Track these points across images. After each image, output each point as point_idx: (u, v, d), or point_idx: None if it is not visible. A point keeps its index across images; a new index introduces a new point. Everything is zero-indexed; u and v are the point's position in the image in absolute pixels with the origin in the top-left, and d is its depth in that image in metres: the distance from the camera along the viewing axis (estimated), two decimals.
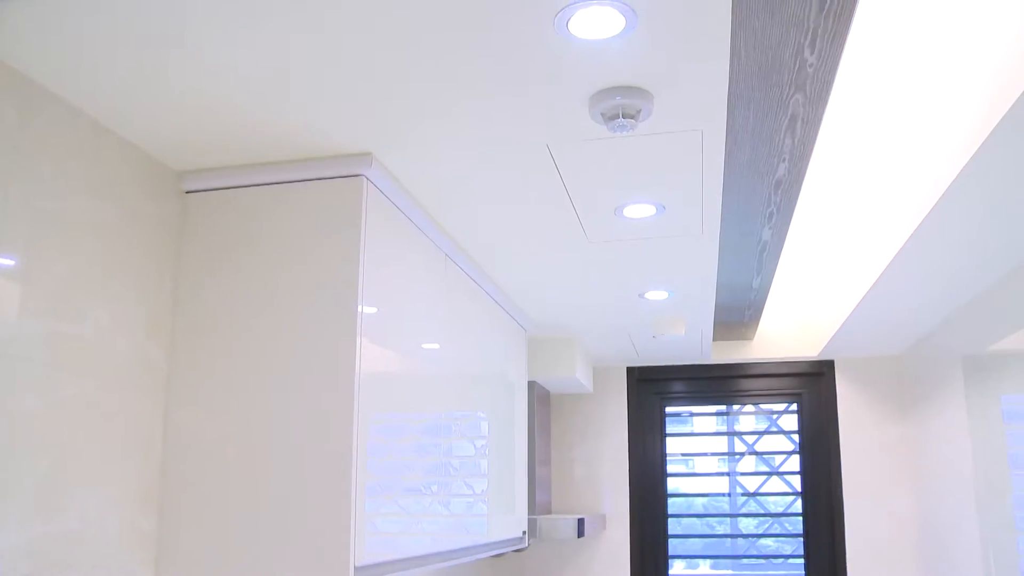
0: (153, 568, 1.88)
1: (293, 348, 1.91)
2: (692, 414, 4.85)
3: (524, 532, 3.17)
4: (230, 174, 2.03)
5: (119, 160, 1.86)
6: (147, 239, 1.93)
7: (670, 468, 4.66)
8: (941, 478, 3.81)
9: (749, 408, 4.75)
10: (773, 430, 4.67)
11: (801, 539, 4.48)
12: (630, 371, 4.71)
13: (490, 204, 2.31)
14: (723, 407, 4.77)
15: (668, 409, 4.73)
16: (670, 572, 4.57)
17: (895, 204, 2.65)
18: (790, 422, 4.62)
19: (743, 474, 4.65)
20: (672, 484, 4.66)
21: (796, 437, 4.57)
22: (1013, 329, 2.94)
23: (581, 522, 3.71)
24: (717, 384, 4.71)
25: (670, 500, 4.62)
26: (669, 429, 4.72)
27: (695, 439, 4.87)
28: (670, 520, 4.60)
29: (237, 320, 1.96)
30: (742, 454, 4.65)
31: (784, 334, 4.53)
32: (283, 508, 1.84)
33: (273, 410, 1.89)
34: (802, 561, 4.46)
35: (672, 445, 4.69)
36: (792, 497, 4.55)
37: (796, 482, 4.53)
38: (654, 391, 4.72)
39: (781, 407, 4.64)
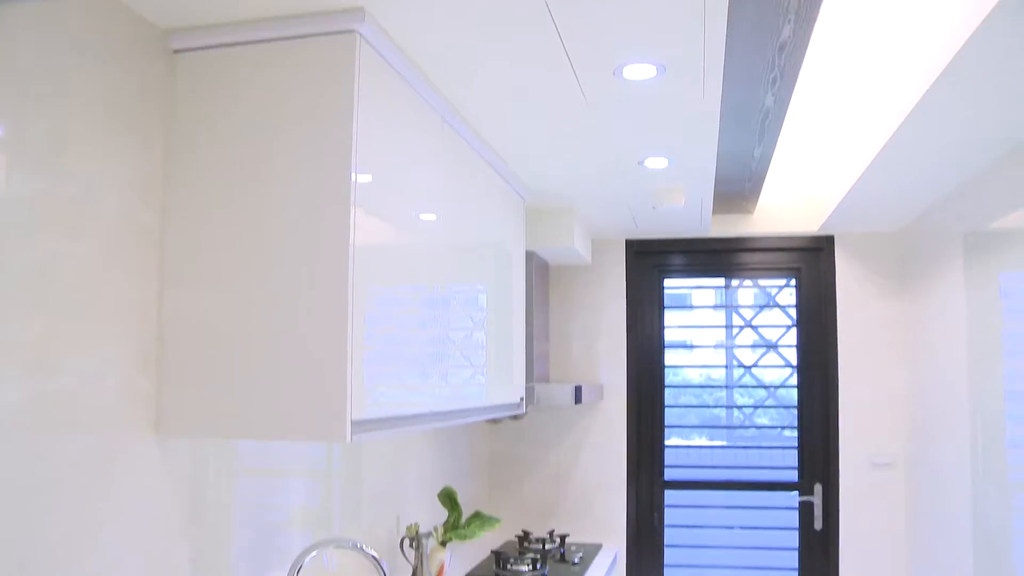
0: (154, 426, 1.91)
1: (286, 216, 1.89)
2: (691, 287, 4.86)
3: (521, 398, 3.21)
4: (219, 32, 1.97)
5: (104, 17, 1.80)
6: (135, 99, 1.89)
7: (668, 341, 4.69)
8: (936, 353, 3.84)
9: (747, 284, 4.77)
10: (771, 305, 4.69)
11: (795, 411, 4.55)
12: (629, 244, 4.70)
13: (487, 64, 2.25)
14: (721, 281, 4.77)
15: (667, 283, 4.73)
16: (666, 442, 4.65)
17: (899, 77, 2.59)
18: (788, 297, 4.64)
19: (740, 346, 4.69)
20: (670, 358, 4.70)
21: (793, 312, 4.59)
22: (1014, 207, 2.91)
23: (578, 389, 3.75)
24: (716, 258, 4.71)
25: (667, 372, 4.67)
26: (669, 312, 4.73)
27: (693, 313, 4.90)
28: (667, 391, 4.66)
29: (229, 184, 1.93)
30: (740, 327, 4.68)
31: (784, 208, 4.51)
32: (282, 370, 1.85)
33: (267, 276, 1.88)
34: (796, 433, 4.54)
35: (670, 319, 4.72)
36: (788, 372, 4.60)
37: (792, 357, 4.57)
38: (653, 264, 4.72)
39: (780, 283, 4.65)
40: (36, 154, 1.61)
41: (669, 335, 4.70)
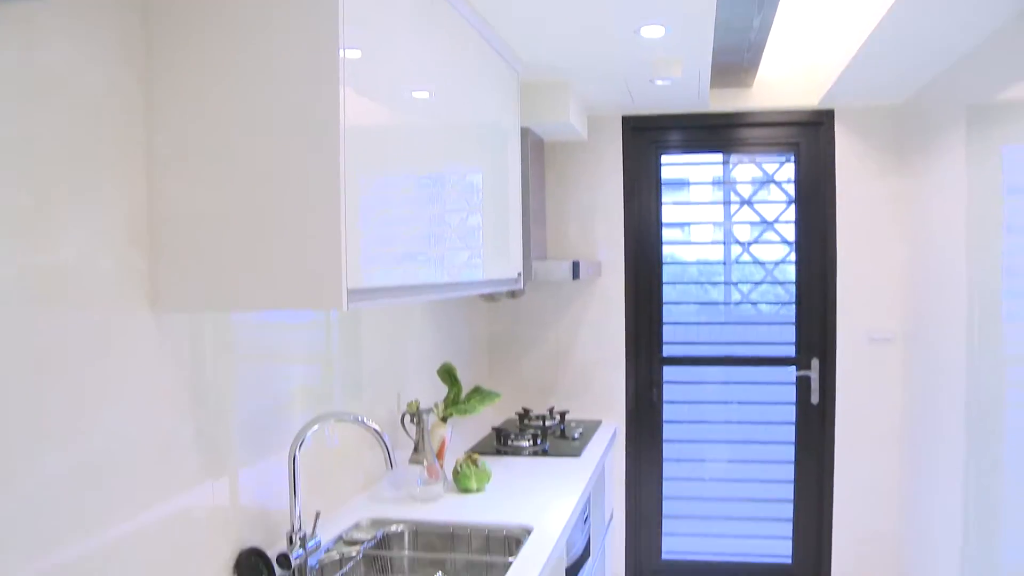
0: (149, 302, 1.90)
1: (275, 94, 1.82)
2: (689, 164, 4.81)
3: (519, 273, 3.20)
4: None
5: None
6: None
7: (665, 221, 4.67)
8: (935, 229, 3.82)
9: (746, 161, 4.71)
10: (769, 182, 4.64)
11: (793, 287, 4.55)
12: (625, 120, 4.62)
13: None
14: (719, 157, 4.71)
15: (665, 160, 4.68)
16: (664, 319, 4.67)
17: None
18: (787, 173, 4.59)
19: (738, 223, 4.67)
20: (667, 236, 4.68)
21: (792, 189, 4.55)
22: (1020, 77, 2.85)
23: (576, 265, 3.74)
24: (714, 134, 4.64)
25: (665, 249, 4.66)
26: (666, 191, 4.69)
27: (691, 190, 4.86)
28: (665, 268, 4.66)
29: (213, 60, 1.86)
30: (739, 204, 4.65)
31: (784, 81, 4.43)
32: (276, 245, 1.83)
33: (258, 154, 1.83)
34: (793, 309, 4.56)
35: (668, 195, 4.68)
36: (786, 250, 4.58)
37: (791, 234, 4.56)
38: (650, 140, 4.66)
39: (779, 159, 4.60)
40: (9, 22, 1.56)
41: (667, 214, 4.67)
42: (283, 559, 2.30)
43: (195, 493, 2.07)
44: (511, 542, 2.72)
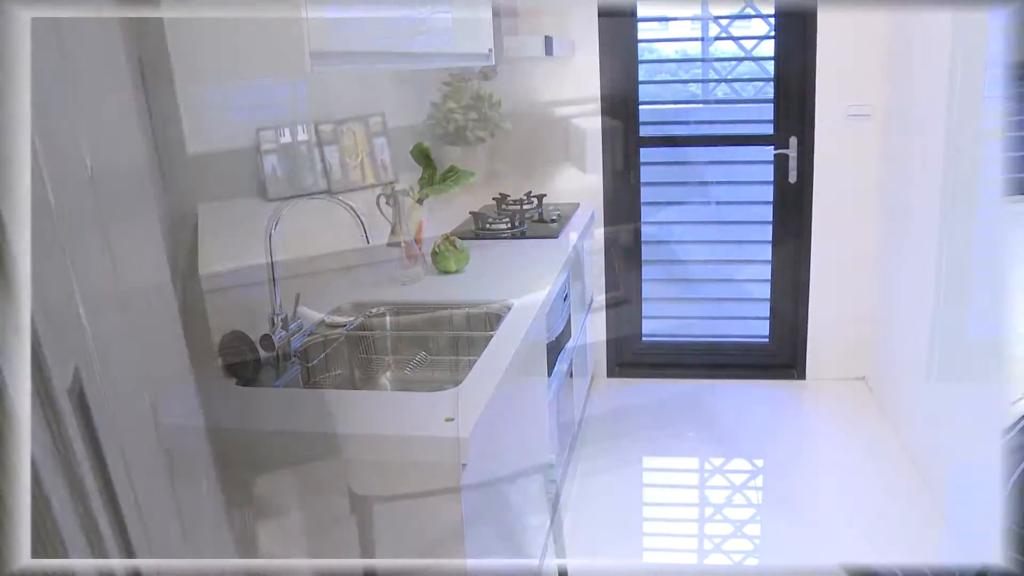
0: None
1: None
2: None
3: (490, 49, 3.09)
4: None
5: None
6: None
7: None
8: None
9: None
10: None
11: (771, 63, 4.45)
12: None
13: None
14: None
15: None
16: (640, 99, 4.57)
17: None
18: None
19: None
20: (643, 12, 4.51)
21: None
22: None
23: (549, 40, 3.62)
24: None
25: (640, 27, 4.51)
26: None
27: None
28: (640, 47, 4.52)
29: None
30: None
31: None
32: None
33: None
34: (772, 85, 4.47)
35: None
36: (765, 27, 4.45)
37: (769, 8, 4.41)
38: None
39: None
40: None
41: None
42: (266, 340, 2.30)
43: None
44: (492, 318, 2.74)
